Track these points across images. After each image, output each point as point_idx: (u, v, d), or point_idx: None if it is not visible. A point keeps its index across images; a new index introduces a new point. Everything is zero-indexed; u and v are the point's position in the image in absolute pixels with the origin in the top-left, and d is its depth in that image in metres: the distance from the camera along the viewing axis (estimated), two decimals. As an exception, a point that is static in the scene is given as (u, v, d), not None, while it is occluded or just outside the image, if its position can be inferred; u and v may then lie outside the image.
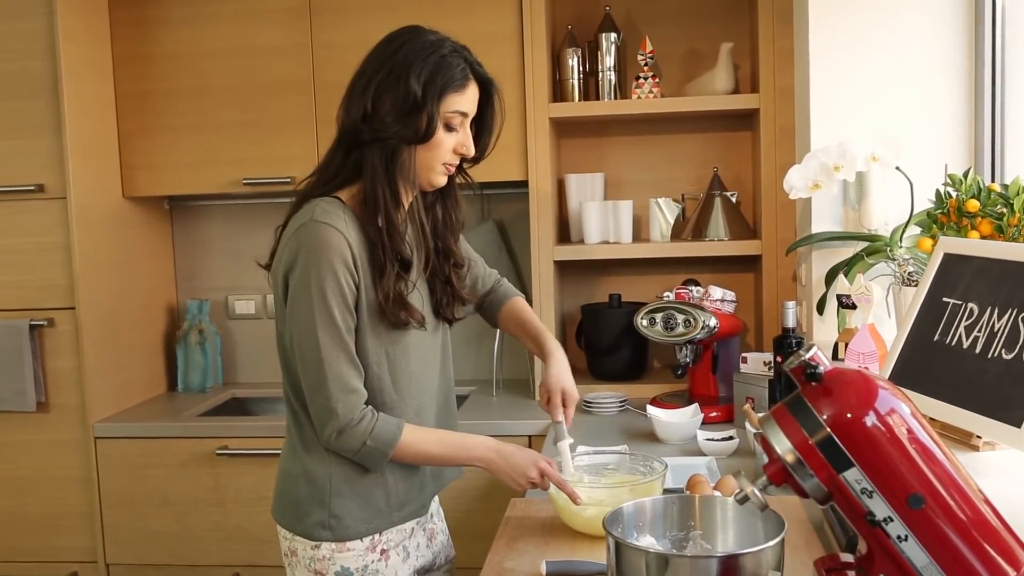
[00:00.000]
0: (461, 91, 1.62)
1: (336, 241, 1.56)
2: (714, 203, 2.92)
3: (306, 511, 1.65)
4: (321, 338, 1.56)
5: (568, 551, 1.62)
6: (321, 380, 1.57)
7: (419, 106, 1.58)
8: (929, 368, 1.70)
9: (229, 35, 2.94)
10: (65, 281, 2.80)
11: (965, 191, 2.01)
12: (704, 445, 2.21)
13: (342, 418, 1.57)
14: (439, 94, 1.60)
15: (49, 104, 2.75)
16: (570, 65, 2.94)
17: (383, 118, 1.59)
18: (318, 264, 1.55)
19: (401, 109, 1.58)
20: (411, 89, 1.58)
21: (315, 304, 1.55)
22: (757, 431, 1.98)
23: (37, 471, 2.87)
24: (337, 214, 1.59)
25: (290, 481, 1.69)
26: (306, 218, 1.58)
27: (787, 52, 2.71)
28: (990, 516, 1.02)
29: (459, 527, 2.68)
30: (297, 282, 1.57)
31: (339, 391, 1.57)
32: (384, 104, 1.59)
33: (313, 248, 1.56)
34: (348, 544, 1.65)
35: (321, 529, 1.64)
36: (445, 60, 1.61)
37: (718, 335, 2.57)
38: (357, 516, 1.65)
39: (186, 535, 2.84)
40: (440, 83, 1.59)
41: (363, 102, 1.60)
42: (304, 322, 1.57)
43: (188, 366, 3.23)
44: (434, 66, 1.60)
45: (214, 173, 2.99)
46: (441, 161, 1.65)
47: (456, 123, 1.64)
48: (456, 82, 1.61)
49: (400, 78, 1.58)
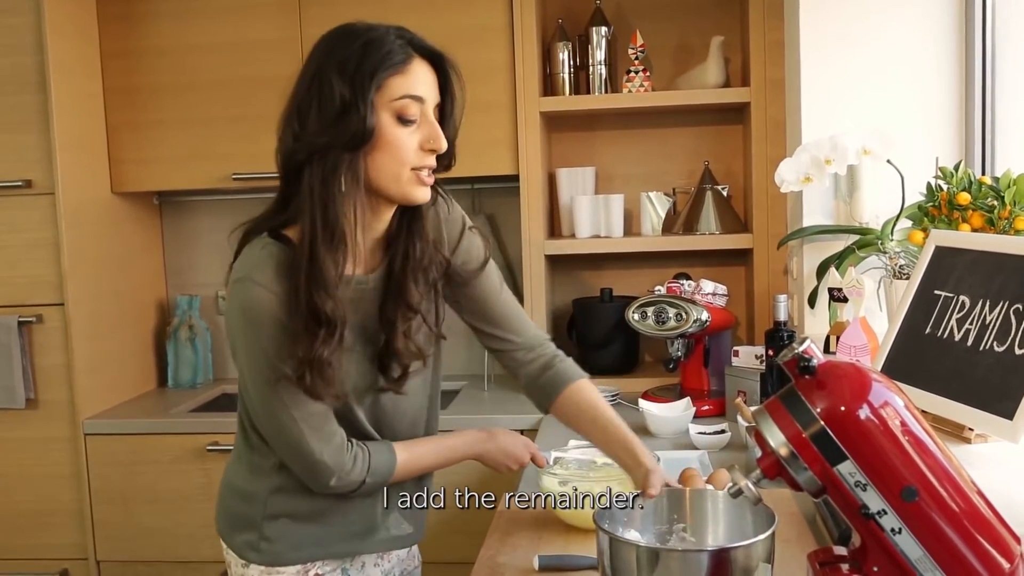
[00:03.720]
0: (402, 72, 1.35)
1: (269, 304, 1.35)
2: (705, 197, 2.92)
3: (237, 528, 1.55)
4: (287, 402, 1.39)
5: (560, 545, 1.62)
6: (299, 441, 1.42)
7: (349, 102, 1.32)
8: (921, 361, 1.70)
9: (218, 29, 2.93)
10: (54, 277, 2.78)
11: (956, 184, 2.02)
12: (696, 439, 2.21)
13: (334, 468, 1.44)
14: (370, 80, 1.33)
15: (37, 99, 2.73)
16: (561, 59, 2.94)
17: (312, 128, 1.34)
18: (257, 331, 1.36)
19: (330, 111, 1.33)
20: (334, 86, 1.33)
21: (265, 371, 1.38)
22: (749, 424, 1.98)
23: (27, 468, 2.86)
24: (269, 264, 1.37)
25: (229, 495, 1.59)
26: (243, 271, 1.38)
27: (778, 45, 2.71)
28: (983, 508, 1.03)
29: (452, 522, 2.69)
30: (239, 347, 1.41)
31: (321, 443, 1.43)
32: (311, 113, 1.34)
33: (248, 313, 1.36)
34: (278, 569, 1.53)
35: (250, 550, 1.53)
36: (373, 42, 1.35)
37: (710, 329, 2.57)
38: (291, 543, 1.52)
39: (177, 531, 2.83)
40: (370, 68, 1.33)
41: (291, 123, 1.37)
42: (260, 390, 1.40)
43: (178, 362, 3.22)
44: (359, 52, 1.34)
45: (203, 168, 2.98)
46: (407, 165, 1.38)
47: (411, 112, 1.37)
48: (393, 62, 1.35)
49: (323, 79, 1.34)
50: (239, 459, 1.59)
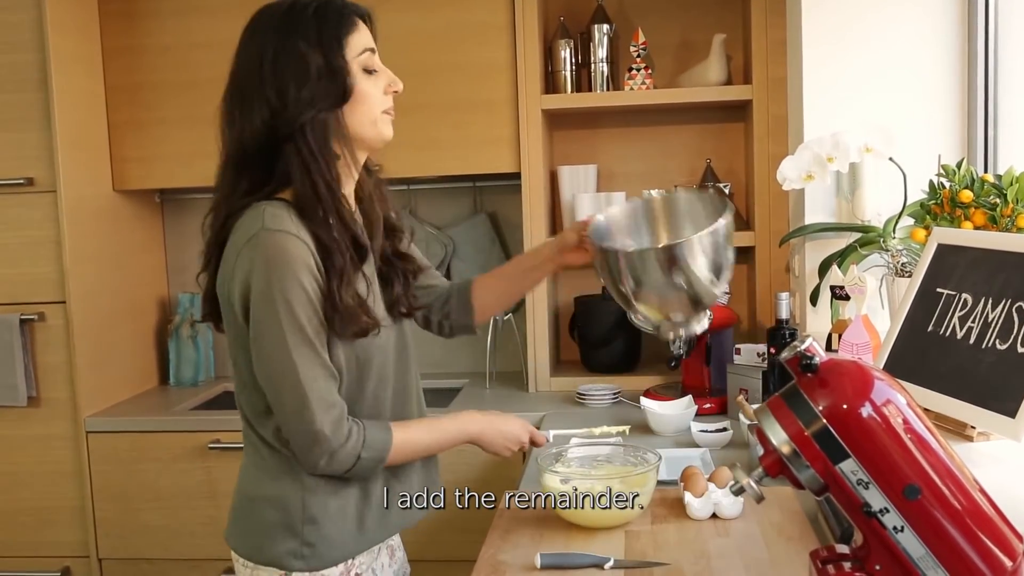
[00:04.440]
0: (355, 28, 1.48)
1: (296, 248, 1.41)
2: (707, 195, 2.91)
3: (274, 539, 1.51)
4: (297, 359, 1.41)
5: (562, 543, 1.62)
6: (302, 403, 1.43)
7: (326, 66, 1.43)
8: (923, 359, 1.70)
9: (220, 27, 2.92)
10: (55, 275, 2.78)
11: (958, 182, 2.01)
12: (698, 436, 2.21)
13: (332, 440, 1.44)
14: (339, 43, 1.45)
15: (38, 97, 2.73)
16: (562, 56, 2.94)
17: (294, 103, 1.42)
18: (281, 278, 1.39)
19: (308, 79, 1.43)
20: (307, 55, 1.43)
21: (284, 322, 1.40)
22: (752, 423, 1.98)
23: (28, 466, 2.86)
24: (289, 218, 1.43)
25: (253, 507, 1.55)
26: (256, 227, 1.41)
27: (780, 43, 2.71)
28: (986, 506, 1.02)
29: (453, 519, 2.69)
30: (259, 300, 1.41)
31: (322, 411, 1.43)
32: (288, 87, 1.42)
33: (272, 261, 1.40)
34: (324, 572, 1.52)
35: (293, 559, 1.50)
36: (318, 11, 1.46)
37: (711, 327, 2.55)
38: (333, 543, 1.52)
39: (178, 529, 2.83)
40: (333, 31, 1.45)
41: (263, 100, 1.44)
42: (275, 343, 1.41)
43: (180, 360, 3.22)
44: (314, 19, 1.45)
45: (205, 166, 2.92)
46: (380, 109, 1.51)
47: (374, 63, 1.50)
48: (348, 22, 1.47)
49: (290, 53, 1.43)
50: (259, 467, 1.56)
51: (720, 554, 1.55)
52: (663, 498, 1.79)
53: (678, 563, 1.52)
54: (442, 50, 2.82)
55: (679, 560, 1.53)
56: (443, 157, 2.86)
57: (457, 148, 2.85)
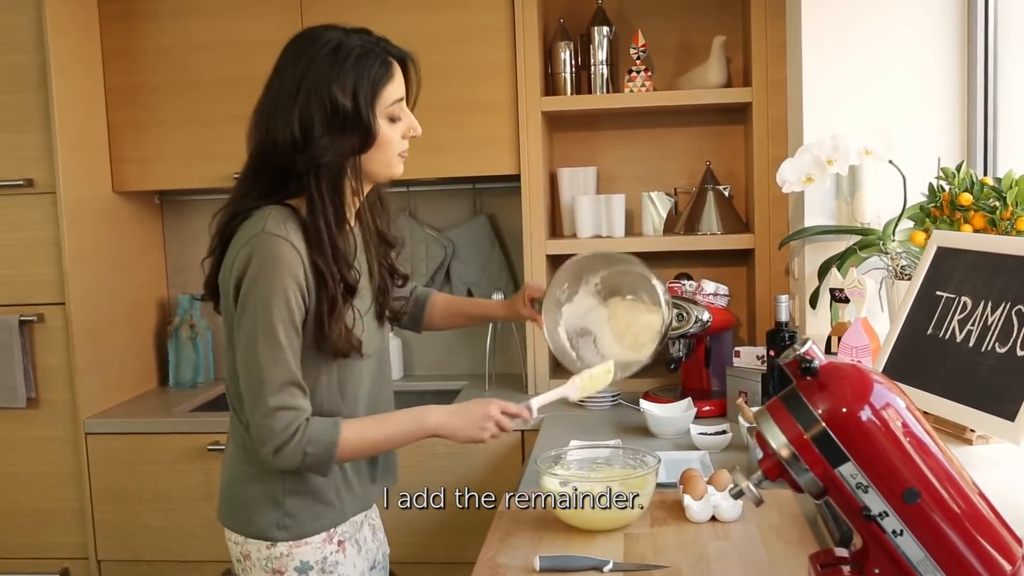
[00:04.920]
0: (391, 80, 1.55)
1: (288, 256, 1.49)
2: (707, 197, 2.91)
3: (259, 512, 1.60)
4: (262, 356, 1.48)
5: (561, 546, 1.62)
6: (259, 396, 1.49)
7: (354, 117, 1.51)
8: (922, 362, 1.70)
9: (219, 28, 2.93)
10: (55, 276, 2.78)
11: (958, 185, 2.01)
12: (697, 439, 2.21)
13: (278, 436, 1.49)
14: (372, 95, 1.52)
15: (37, 98, 2.73)
16: (562, 59, 2.94)
17: (317, 142, 1.50)
18: (268, 279, 1.48)
19: (335, 126, 1.50)
20: (339, 103, 1.50)
21: (259, 319, 1.48)
22: (751, 425, 1.98)
23: (27, 467, 2.86)
24: (290, 226, 1.51)
25: (239, 483, 1.63)
26: (257, 228, 1.50)
27: (780, 45, 2.71)
28: (985, 510, 1.02)
29: (451, 521, 2.69)
30: (245, 295, 1.50)
31: (275, 407, 1.49)
32: (314, 127, 1.50)
33: (264, 262, 1.48)
34: (306, 539, 1.61)
35: (276, 529, 1.59)
36: (361, 59, 1.52)
37: (711, 329, 2.57)
38: (312, 513, 1.61)
39: (177, 531, 2.83)
40: (369, 84, 1.52)
41: (288, 128, 1.50)
42: (247, 338, 1.49)
43: (179, 361, 3.22)
44: (354, 69, 1.51)
45: (205, 167, 2.98)
46: (396, 152, 1.59)
47: (399, 111, 1.57)
48: (384, 73, 1.54)
49: (324, 95, 1.50)
50: (243, 449, 1.63)
51: (719, 557, 1.55)
52: (662, 501, 1.79)
53: (677, 566, 1.52)
54: (442, 52, 2.82)
55: (678, 563, 1.53)
56: (443, 159, 2.86)
57: (457, 150, 2.85)
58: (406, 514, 2.63)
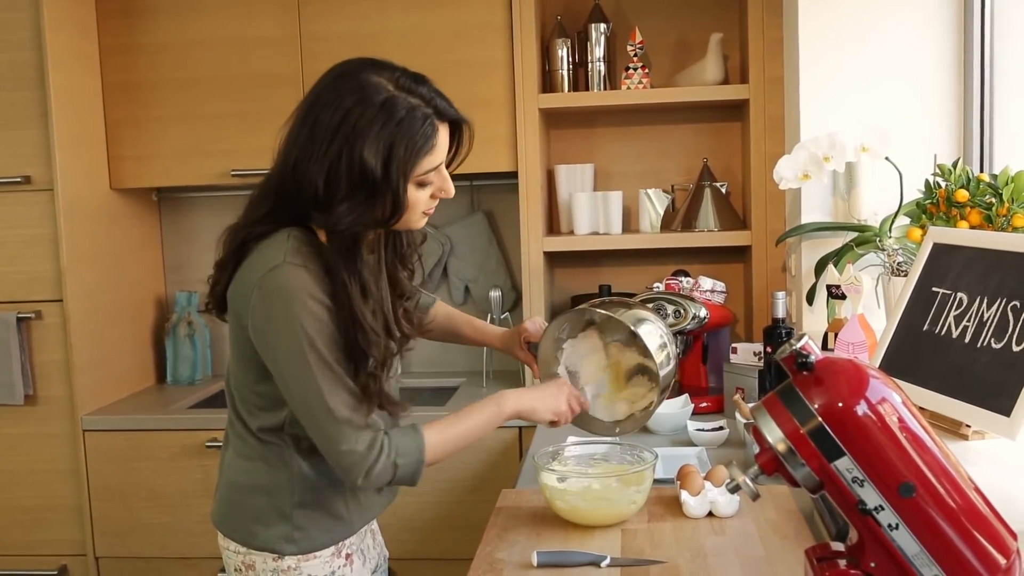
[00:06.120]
0: (431, 151, 1.42)
1: (301, 278, 1.41)
2: (704, 194, 2.92)
3: (265, 524, 1.55)
4: (323, 386, 1.41)
5: (559, 542, 1.62)
6: (330, 426, 1.43)
7: (382, 186, 1.39)
8: (918, 358, 1.70)
9: (217, 26, 2.93)
10: (52, 273, 2.78)
11: (954, 181, 2.02)
12: (694, 435, 2.21)
13: (366, 458, 1.44)
14: (405, 167, 1.40)
15: (35, 95, 2.73)
16: (559, 56, 2.94)
17: (337, 208, 1.39)
18: (301, 311, 1.40)
19: (361, 192, 1.39)
20: (368, 167, 1.37)
21: (307, 352, 1.40)
22: (748, 421, 1.98)
23: (25, 464, 2.86)
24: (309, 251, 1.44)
25: (242, 494, 1.57)
26: (278, 259, 1.41)
27: (777, 42, 2.71)
28: (980, 504, 1.03)
29: (450, 518, 2.69)
30: (280, 333, 1.42)
31: (352, 433, 1.43)
32: (338, 188, 1.39)
33: (287, 293, 1.40)
34: (315, 553, 1.56)
35: (284, 543, 1.54)
36: (404, 122, 1.39)
37: (708, 326, 2.57)
38: (322, 527, 1.56)
39: (175, 528, 2.83)
40: (405, 155, 1.39)
41: (314, 184, 1.40)
42: (300, 374, 1.42)
43: (177, 358, 3.22)
44: (394, 133, 1.38)
45: (202, 164, 2.98)
46: (420, 211, 1.49)
47: (430, 177, 1.46)
48: (425, 144, 1.41)
49: (353, 149, 1.37)
50: (245, 458, 1.58)
51: (716, 552, 1.55)
52: (659, 496, 1.79)
53: (674, 561, 1.52)
54: (439, 49, 2.82)
55: (675, 558, 1.54)
56: (440, 156, 2.85)
57: (454, 147, 2.85)
58: (404, 511, 2.63)
